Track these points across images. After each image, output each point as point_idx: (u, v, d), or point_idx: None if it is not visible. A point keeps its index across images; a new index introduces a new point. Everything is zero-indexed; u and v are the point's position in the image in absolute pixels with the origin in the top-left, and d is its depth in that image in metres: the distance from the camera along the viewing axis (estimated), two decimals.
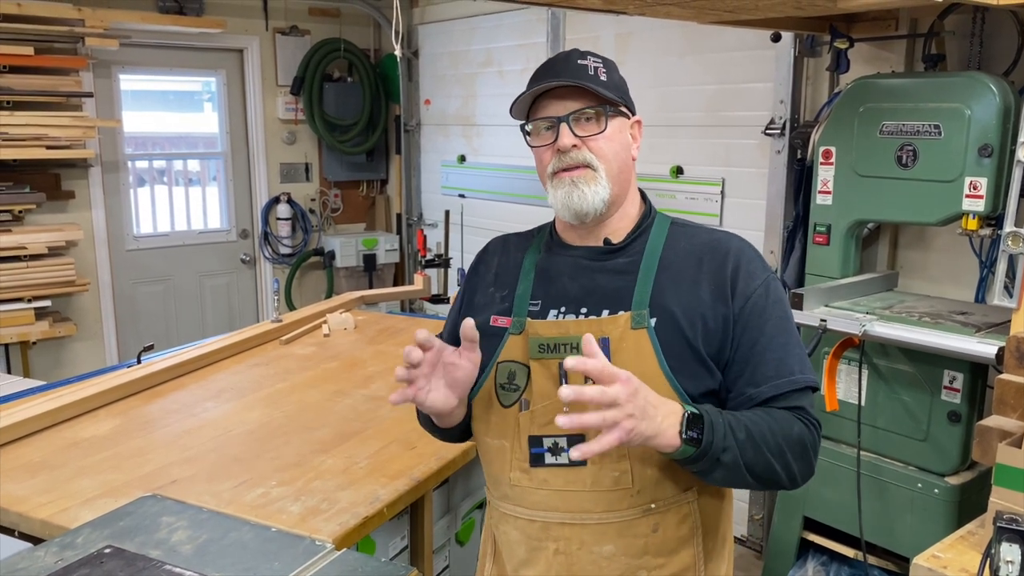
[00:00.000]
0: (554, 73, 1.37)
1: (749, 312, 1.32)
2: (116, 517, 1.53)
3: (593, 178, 1.34)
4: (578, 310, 1.37)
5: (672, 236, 1.41)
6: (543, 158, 1.39)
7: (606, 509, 1.33)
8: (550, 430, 1.34)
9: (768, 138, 3.46)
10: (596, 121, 1.36)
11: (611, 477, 1.32)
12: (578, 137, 1.34)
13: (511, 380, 1.38)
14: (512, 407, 1.38)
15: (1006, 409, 1.74)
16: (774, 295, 1.36)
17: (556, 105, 1.36)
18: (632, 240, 1.41)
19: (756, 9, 2.43)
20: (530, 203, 4.72)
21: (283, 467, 1.94)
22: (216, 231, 5.51)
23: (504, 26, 4.88)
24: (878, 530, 2.70)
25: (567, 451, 1.33)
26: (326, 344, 3.04)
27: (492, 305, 1.45)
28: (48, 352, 4.71)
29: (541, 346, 1.35)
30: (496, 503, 1.46)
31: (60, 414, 2.24)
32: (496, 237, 1.59)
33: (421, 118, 5.67)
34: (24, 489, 1.82)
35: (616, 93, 1.37)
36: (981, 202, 2.47)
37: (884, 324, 2.47)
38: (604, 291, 1.37)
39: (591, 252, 1.41)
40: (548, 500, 1.36)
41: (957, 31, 2.85)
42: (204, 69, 5.31)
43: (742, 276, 1.35)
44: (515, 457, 1.38)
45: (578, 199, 1.34)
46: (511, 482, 1.39)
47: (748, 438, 1.24)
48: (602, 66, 1.39)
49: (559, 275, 1.41)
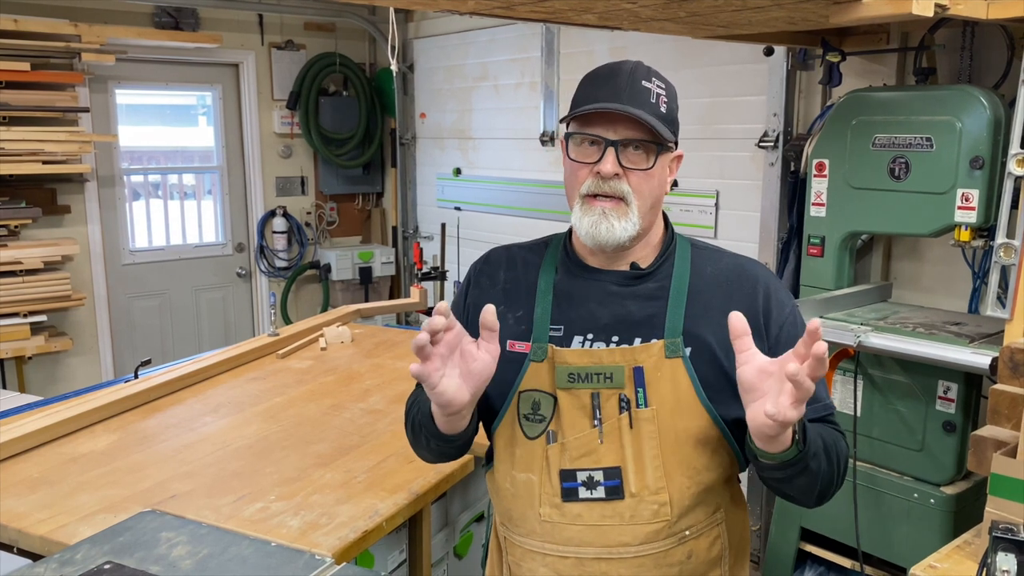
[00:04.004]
0: (614, 88, 1.28)
1: (784, 342, 1.29)
2: (115, 533, 1.52)
3: (625, 213, 1.28)
4: (608, 338, 1.32)
5: (696, 260, 1.38)
6: (578, 174, 1.31)
7: (644, 542, 1.30)
8: (583, 463, 1.30)
9: (762, 151, 3.49)
10: (645, 156, 1.29)
11: (651, 510, 1.29)
12: (622, 167, 1.27)
13: (535, 410, 1.33)
14: (538, 439, 1.33)
15: (1000, 419, 1.75)
16: (800, 322, 1.35)
17: (608, 125, 1.27)
18: (659, 265, 1.37)
19: (749, 24, 2.46)
20: (526, 215, 4.75)
21: (282, 481, 1.95)
22: (212, 245, 5.51)
23: (499, 40, 4.91)
24: (875, 540, 2.70)
25: (603, 484, 1.29)
26: (323, 358, 3.04)
27: (504, 326, 1.34)
28: (44, 367, 4.69)
29: (571, 375, 1.30)
30: (519, 540, 1.39)
31: (58, 429, 2.23)
32: (498, 248, 1.51)
33: (417, 131, 5.69)
34: (23, 505, 1.82)
35: (671, 127, 1.31)
36: (973, 214, 2.50)
37: (879, 335, 2.48)
38: (635, 318, 1.32)
39: (619, 277, 1.36)
40: (582, 535, 1.31)
41: (948, 45, 2.88)
42: (200, 84, 5.33)
43: (774, 306, 1.34)
44: (544, 492, 1.32)
45: (606, 231, 1.28)
46: (541, 518, 1.33)
47: (824, 448, 1.24)
48: (664, 95, 1.31)
49: (585, 300, 1.35)
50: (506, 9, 2.14)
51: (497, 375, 1.25)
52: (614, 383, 1.29)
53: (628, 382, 1.29)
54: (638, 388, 1.29)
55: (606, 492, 1.29)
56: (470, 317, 1.38)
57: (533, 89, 4.70)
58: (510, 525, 1.41)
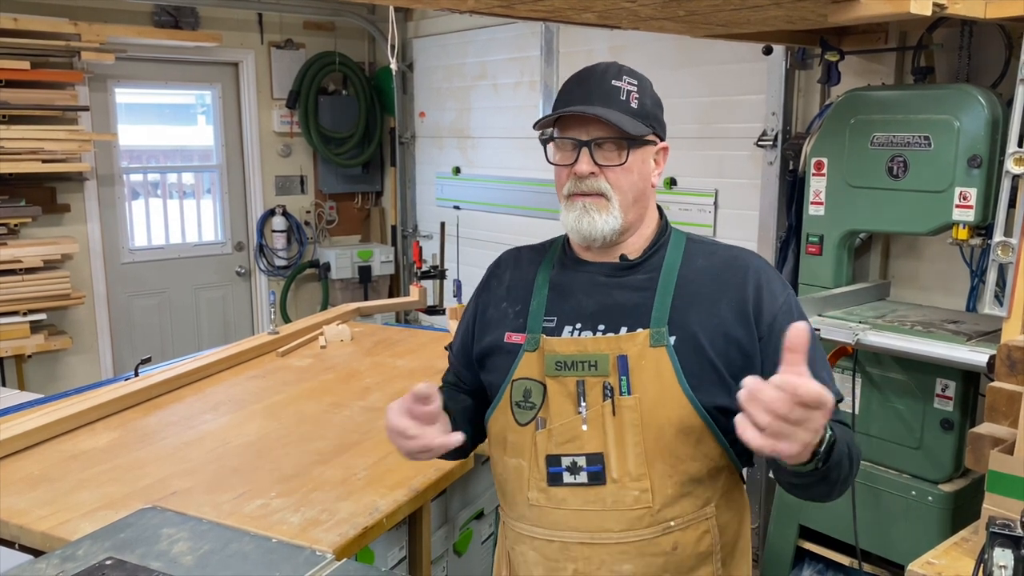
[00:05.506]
0: (585, 91, 1.33)
1: (777, 332, 1.27)
2: (117, 529, 1.53)
3: (605, 207, 1.33)
4: (595, 327, 1.35)
5: (689, 252, 1.39)
6: (561, 176, 1.37)
7: (626, 528, 1.32)
8: (568, 449, 1.33)
9: (760, 149, 3.50)
10: (617, 152, 1.32)
11: (631, 496, 1.31)
12: (597, 165, 1.32)
13: (527, 398, 1.37)
14: (528, 425, 1.36)
15: (998, 416, 1.76)
16: (797, 312, 1.35)
17: (580, 127, 1.33)
18: (649, 256, 1.39)
19: (748, 23, 2.46)
20: (525, 214, 4.75)
21: (282, 478, 1.95)
22: (211, 244, 5.52)
23: (498, 39, 4.92)
24: (873, 538, 2.71)
25: (586, 470, 1.32)
26: (323, 356, 3.05)
27: (505, 321, 1.43)
28: (43, 365, 4.70)
29: (558, 363, 1.33)
30: (512, 524, 1.44)
31: (59, 427, 2.23)
32: (509, 250, 1.57)
33: (416, 130, 5.70)
34: (24, 502, 1.82)
35: (645, 121, 1.34)
36: (971, 212, 2.51)
37: (877, 333, 2.49)
38: (622, 308, 1.35)
39: (607, 268, 1.39)
40: (566, 520, 1.34)
41: (946, 44, 2.89)
42: (200, 83, 5.33)
43: (765, 296, 1.33)
44: (532, 477, 1.36)
45: (588, 225, 1.33)
46: (529, 502, 1.37)
47: (849, 455, 1.23)
48: (636, 90, 1.35)
49: (574, 291, 1.40)
50: (506, 8, 2.15)
51: (497, 365, 1.34)
52: (599, 371, 1.32)
53: (612, 370, 1.31)
54: (622, 376, 1.31)
55: (588, 477, 1.32)
56: (477, 318, 1.50)
57: (532, 88, 4.70)
58: (506, 509, 1.46)
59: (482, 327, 1.47)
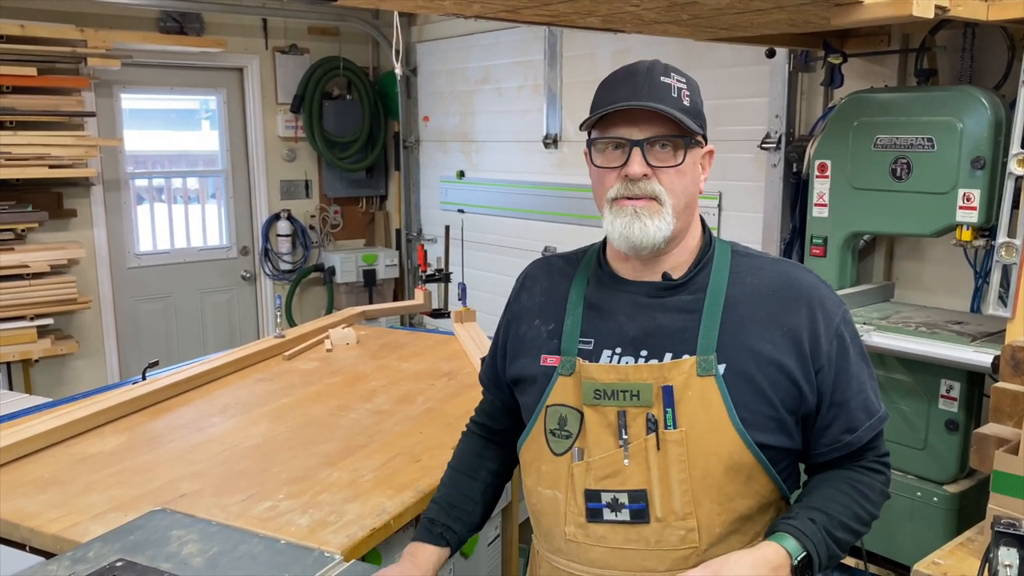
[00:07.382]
0: (633, 88, 1.22)
1: (836, 358, 1.24)
2: (126, 531, 1.54)
3: (658, 212, 1.22)
4: (637, 352, 1.25)
5: (736, 270, 1.29)
6: (605, 180, 1.25)
7: (670, 569, 1.23)
8: (608, 484, 1.24)
9: (764, 152, 3.51)
10: (673, 152, 1.23)
11: (677, 535, 1.23)
12: (650, 166, 1.21)
13: (562, 426, 1.28)
14: (564, 455, 1.28)
15: (1002, 417, 1.76)
16: (850, 330, 1.28)
17: (631, 125, 1.22)
18: (694, 275, 1.28)
19: (751, 26, 2.47)
20: (529, 218, 4.76)
21: (290, 480, 1.96)
22: (217, 248, 5.54)
23: (502, 44, 4.93)
24: (879, 539, 2.71)
25: (628, 507, 1.24)
26: (329, 359, 3.06)
27: (539, 340, 1.33)
28: (50, 370, 4.72)
29: (597, 392, 1.24)
30: (548, 556, 1.35)
31: (67, 430, 2.25)
32: (538, 259, 1.47)
33: (420, 135, 5.72)
34: (34, 504, 1.83)
35: (697, 121, 1.26)
36: (975, 213, 2.51)
37: (881, 334, 2.50)
38: (665, 332, 1.25)
39: (650, 288, 1.28)
40: (606, 558, 1.26)
41: (948, 46, 2.90)
42: (205, 88, 5.35)
43: (821, 321, 1.24)
44: (570, 511, 1.27)
45: (639, 232, 1.21)
46: (566, 537, 1.29)
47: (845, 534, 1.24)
48: (686, 88, 1.26)
49: (613, 312, 1.29)
50: (510, 12, 2.16)
51: (530, 388, 1.28)
52: (641, 401, 1.23)
53: (656, 401, 1.22)
54: (667, 408, 1.21)
55: (631, 515, 1.24)
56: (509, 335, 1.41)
57: (536, 92, 4.72)
58: (541, 539, 1.38)
59: (514, 346, 1.38)
